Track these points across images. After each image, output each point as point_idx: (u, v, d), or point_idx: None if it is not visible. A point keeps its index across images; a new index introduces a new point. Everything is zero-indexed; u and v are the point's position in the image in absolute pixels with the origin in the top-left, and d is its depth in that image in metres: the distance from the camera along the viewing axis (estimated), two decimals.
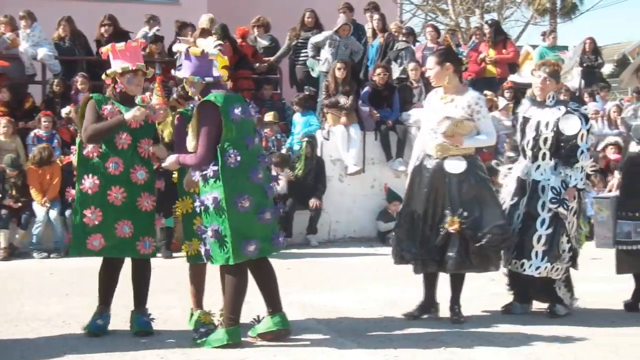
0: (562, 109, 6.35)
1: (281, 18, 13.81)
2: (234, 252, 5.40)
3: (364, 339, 5.75)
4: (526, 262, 6.26)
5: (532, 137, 6.39)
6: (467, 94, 6.27)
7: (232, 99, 5.56)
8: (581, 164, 6.27)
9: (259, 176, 5.55)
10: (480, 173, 6.22)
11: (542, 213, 6.28)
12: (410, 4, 32.59)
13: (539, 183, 6.33)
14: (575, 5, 34.90)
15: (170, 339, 5.75)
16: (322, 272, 8.46)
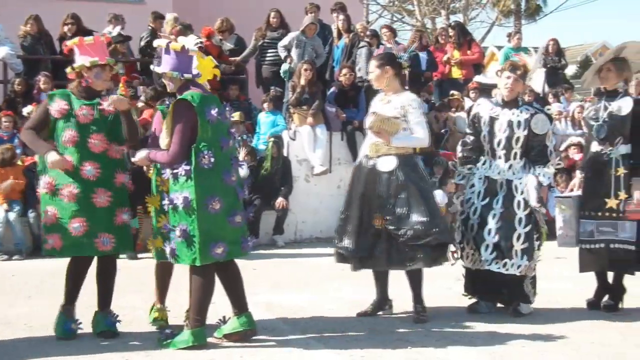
0: (531, 109, 6.45)
1: (247, 18, 13.78)
2: (201, 254, 5.37)
3: (331, 339, 5.76)
4: (508, 261, 6.31)
5: (504, 137, 6.45)
6: (402, 95, 6.36)
7: (208, 100, 5.52)
8: (551, 162, 6.40)
9: (232, 178, 5.53)
10: (411, 171, 6.27)
11: (519, 212, 6.35)
12: (377, 4, 32.72)
13: (512, 182, 6.40)
14: (540, 7, 35.24)
15: (134, 341, 5.71)
16: (289, 273, 8.46)
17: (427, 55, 14.15)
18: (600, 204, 6.59)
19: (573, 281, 7.54)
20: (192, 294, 5.55)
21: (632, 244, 6.53)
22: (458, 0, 30.30)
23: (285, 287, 7.85)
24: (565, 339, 5.78)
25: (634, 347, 5.57)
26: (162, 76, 5.70)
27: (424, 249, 6.16)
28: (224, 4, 15.06)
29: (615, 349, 5.54)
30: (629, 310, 6.65)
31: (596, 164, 6.69)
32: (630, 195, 6.50)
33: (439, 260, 6.33)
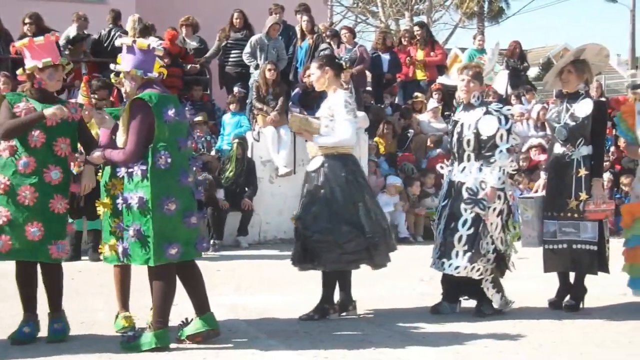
0: (482, 110, 6.46)
1: (210, 19, 13.72)
2: (155, 254, 5.33)
3: (294, 340, 5.74)
4: (446, 261, 6.37)
5: (456, 139, 6.50)
6: (334, 95, 6.42)
7: (166, 100, 5.47)
8: (499, 163, 6.33)
9: (188, 179, 5.48)
10: (334, 173, 6.29)
11: (465, 214, 6.37)
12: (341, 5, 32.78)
13: (464, 184, 6.43)
14: (502, 9, 35.59)
15: (96, 344, 5.64)
16: (253, 274, 8.43)
17: (389, 57, 14.18)
18: (563, 204, 6.65)
19: (535, 281, 7.60)
20: (154, 296, 5.51)
21: (593, 244, 6.60)
22: (422, 2, 30.46)
23: (249, 288, 7.83)
24: (528, 338, 5.82)
25: (594, 347, 5.62)
26: (124, 75, 5.62)
27: (329, 252, 6.21)
28: (188, 5, 14.97)
29: (577, 348, 5.58)
30: (590, 309, 6.72)
31: (558, 165, 6.74)
32: (591, 196, 6.56)
33: (351, 264, 6.36)
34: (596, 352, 5.51)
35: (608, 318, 6.46)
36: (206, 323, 5.58)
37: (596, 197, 6.54)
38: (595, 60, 6.89)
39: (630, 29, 32.65)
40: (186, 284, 5.67)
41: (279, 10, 13.17)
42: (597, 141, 6.67)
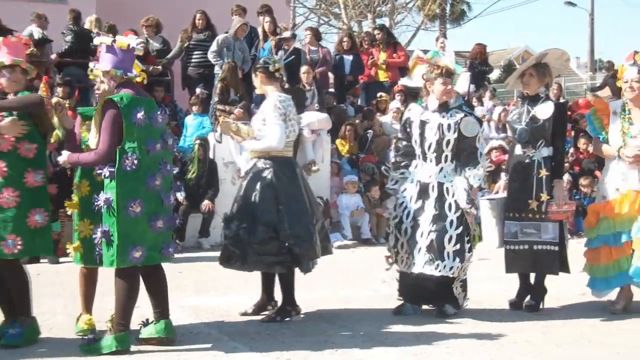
0: (460, 112, 6.51)
1: (172, 20, 13.65)
2: (118, 256, 5.29)
3: (257, 342, 5.72)
4: (440, 263, 6.36)
5: (434, 141, 6.51)
6: (266, 100, 6.47)
7: (138, 102, 5.43)
8: (482, 164, 6.45)
9: (156, 183, 5.43)
10: (258, 176, 6.32)
11: (450, 214, 6.39)
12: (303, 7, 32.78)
13: (443, 185, 6.45)
14: (464, 12, 35.83)
15: (55, 347, 5.56)
16: (215, 276, 8.37)
17: (352, 59, 14.21)
18: (524, 205, 6.70)
19: (496, 282, 7.65)
20: (116, 298, 5.46)
21: (555, 244, 6.66)
22: (384, 4, 30.57)
23: (211, 290, 7.79)
24: (489, 338, 5.85)
25: (554, 346, 5.68)
26: (103, 75, 5.57)
27: (247, 253, 6.26)
28: (148, 5, 14.87)
29: (537, 347, 5.63)
30: (550, 310, 6.78)
31: (519, 167, 6.79)
32: (552, 197, 6.62)
33: (274, 267, 6.37)
34: (556, 351, 5.56)
35: (568, 318, 6.52)
36: (162, 330, 5.55)
37: (558, 198, 6.60)
38: (556, 64, 6.96)
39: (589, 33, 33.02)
40: (149, 287, 5.63)
41: (240, 11, 13.15)
42: (558, 143, 6.73)
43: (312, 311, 6.78)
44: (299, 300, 6.58)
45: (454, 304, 6.59)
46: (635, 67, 6.64)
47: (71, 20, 12.60)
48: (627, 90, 6.71)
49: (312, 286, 7.21)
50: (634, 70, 6.64)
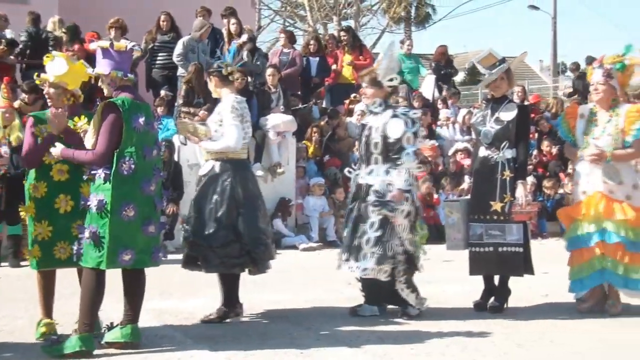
0: (389, 114, 6.51)
1: (135, 21, 13.53)
2: (108, 258, 5.27)
3: (221, 345, 5.70)
4: (354, 263, 6.40)
5: (364, 142, 6.56)
6: (223, 101, 6.49)
7: (138, 107, 5.44)
8: (406, 165, 6.40)
9: (150, 188, 5.45)
10: (216, 178, 6.33)
11: (372, 216, 6.41)
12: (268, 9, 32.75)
13: (371, 187, 6.47)
14: (429, 15, 36.00)
15: (15, 352, 5.49)
16: (179, 279, 8.32)
17: (318, 61, 14.22)
18: (488, 207, 6.73)
19: (461, 283, 7.69)
20: (82, 298, 5.41)
21: (519, 246, 6.70)
22: (350, 7, 30.62)
23: (175, 293, 7.74)
24: (454, 339, 5.88)
25: (517, 347, 5.71)
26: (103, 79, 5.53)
27: (207, 255, 6.27)
28: (112, 6, 14.76)
29: (500, 348, 5.66)
30: (513, 310, 6.83)
31: (483, 169, 6.83)
32: (516, 198, 6.66)
33: (234, 268, 6.38)
34: (519, 352, 5.60)
35: (530, 318, 6.57)
36: (128, 335, 5.50)
37: (521, 199, 6.64)
38: (517, 66, 7.04)
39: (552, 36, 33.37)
40: (127, 290, 5.60)
41: (205, 12, 13.10)
42: (521, 144, 6.78)
43: (277, 313, 6.77)
44: (264, 302, 6.57)
45: (406, 306, 6.57)
46: (601, 70, 6.72)
47: (30, 22, 12.43)
48: (592, 92, 6.81)
49: (277, 288, 7.20)
50: (599, 73, 6.73)
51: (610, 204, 6.59)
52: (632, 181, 6.67)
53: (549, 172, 13.73)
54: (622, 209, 6.55)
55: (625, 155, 6.64)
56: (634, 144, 6.61)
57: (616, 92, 6.73)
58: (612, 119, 6.67)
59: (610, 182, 6.60)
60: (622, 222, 6.53)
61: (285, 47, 13.99)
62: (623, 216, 6.53)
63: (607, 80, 6.69)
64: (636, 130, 6.58)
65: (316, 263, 9.90)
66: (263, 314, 6.76)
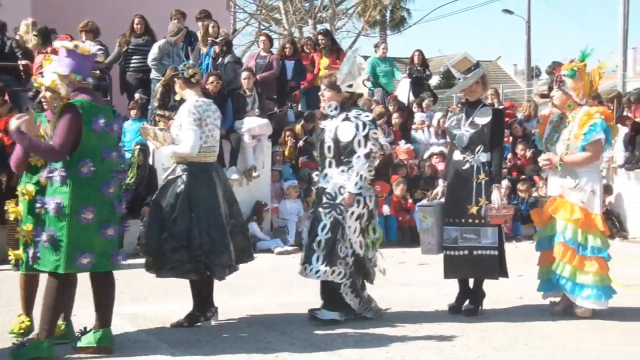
0: (341, 117, 6.50)
1: (109, 23, 13.45)
2: (66, 262, 5.23)
3: (196, 349, 5.68)
4: (307, 266, 6.39)
5: (319, 146, 6.58)
6: (183, 105, 6.47)
7: (97, 109, 5.40)
8: (356, 169, 6.38)
9: (109, 190, 5.41)
10: (172, 183, 6.32)
11: (324, 219, 6.40)
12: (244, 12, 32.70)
13: (325, 190, 6.47)
14: (404, 18, 36.12)
15: None
16: (153, 283, 8.27)
17: (294, 64, 14.22)
18: (463, 210, 6.76)
19: (436, 287, 7.71)
20: (44, 302, 5.36)
21: (494, 249, 6.73)
22: (325, 10, 30.65)
23: (150, 297, 7.70)
24: (428, 343, 5.89)
25: (492, 350, 5.74)
26: (61, 78, 5.48)
27: (158, 260, 6.27)
28: (86, 8, 14.65)
29: (475, 351, 5.69)
30: (488, 313, 6.86)
31: (458, 172, 6.85)
32: (491, 201, 6.69)
33: (188, 274, 6.35)
34: (494, 355, 5.63)
35: (505, 321, 6.60)
36: (101, 339, 5.47)
37: (496, 202, 6.67)
38: (491, 70, 7.08)
39: (525, 40, 33.55)
40: (96, 295, 5.57)
41: (179, 16, 13.06)
42: (495, 148, 6.82)
43: (252, 317, 6.76)
44: (240, 306, 6.56)
45: (346, 309, 6.52)
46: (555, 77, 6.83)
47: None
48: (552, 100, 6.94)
49: (252, 292, 7.19)
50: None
51: (561, 205, 6.68)
52: (591, 186, 6.72)
53: (524, 176, 13.80)
54: (571, 208, 6.62)
55: (576, 160, 6.69)
56: (586, 148, 6.67)
57: (571, 98, 6.79)
58: (569, 125, 6.76)
59: (566, 184, 6.69)
60: (571, 221, 6.61)
61: (264, 50, 13.98)
62: (569, 215, 6.60)
63: (560, 86, 6.79)
64: (585, 135, 6.65)
65: (291, 267, 9.86)
66: (238, 318, 6.73)
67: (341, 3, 31.86)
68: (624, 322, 6.57)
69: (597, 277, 6.63)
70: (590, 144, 6.65)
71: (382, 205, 12.41)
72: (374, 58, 15.62)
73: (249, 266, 6.74)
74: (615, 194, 13.79)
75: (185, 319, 6.41)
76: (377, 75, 15.32)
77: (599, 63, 6.86)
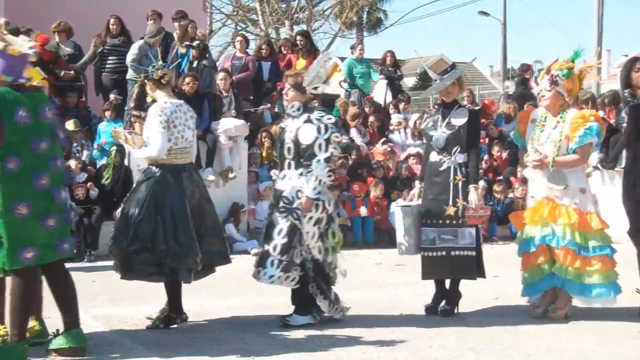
0: (303, 118, 6.43)
1: (84, 23, 13.36)
2: (9, 258, 5.18)
3: (172, 351, 5.65)
4: (262, 270, 6.33)
5: (279, 147, 6.53)
6: (149, 109, 6.46)
7: (18, 100, 5.23)
8: (316, 173, 6.29)
9: (42, 182, 5.28)
10: (144, 183, 6.29)
11: (281, 222, 6.33)
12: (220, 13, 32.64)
13: (282, 193, 6.41)
14: (381, 20, 36.21)
15: None
16: (128, 284, 8.23)
17: (271, 65, 14.20)
18: (440, 211, 6.76)
19: (412, 288, 7.73)
20: (10, 306, 5.30)
21: (472, 249, 6.75)
22: (302, 11, 30.67)
23: (125, 299, 7.66)
24: (405, 344, 5.90)
25: (468, 350, 5.75)
26: None
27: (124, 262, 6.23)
28: (61, 8, 14.56)
29: (451, 352, 5.70)
30: (464, 314, 6.88)
31: (435, 173, 6.86)
32: (468, 202, 6.71)
33: (153, 276, 6.35)
34: (470, 355, 5.64)
35: (481, 322, 6.62)
36: (71, 340, 5.41)
37: (474, 203, 6.69)
38: (467, 71, 7.11)
39: (502, 42, 33.72)
40: (55, 294, 5.49)
41: (155, 16, 13.01)
42: (472, 149, 6.84)
43: (228, 318, 6.74)
44: (216, 307, 6.53)
45: (318, 311, 6.50)
46: (548, 77, 6.79)
47: None
48: (540, 99, 6.89)
49: (228, 294, 7.17)
50: (546, 79, 6.80)
51: (555, 209, 6.67)
52: (579, 185, 6.75)
53: (500, 177, 13.87)
54: (567, 212, 6.63)
55: (567, 162, 6.69)
56: (577, 151, 6.69)
57: (564, 98, 6.79)
58: (558, 125, 6.74)
59: (556, 187, 6.68)
60: (569, 225, 6.60)
61: (241, 51, 13.95)
62: (567, 220, 6.61)
63: (553, 86, 6.75)
64: (579, 137, 6.65)
65: None
66: (214, 320, 6.71)
67: (318, 4, 31.93)
68: (598, 323, 6.60)
69: (602, 274, 6.62)
70: (582, 147, 6.67)
71: (359, 207, 12.44)
72: (350, 59, 15.64)
73: (225, 268, 6.71)
74: None
75: (161, 321, 6.37)
76: (354, 77, 15.33)
77: (585, 63, 6.85)
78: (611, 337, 6.17)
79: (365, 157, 13.49)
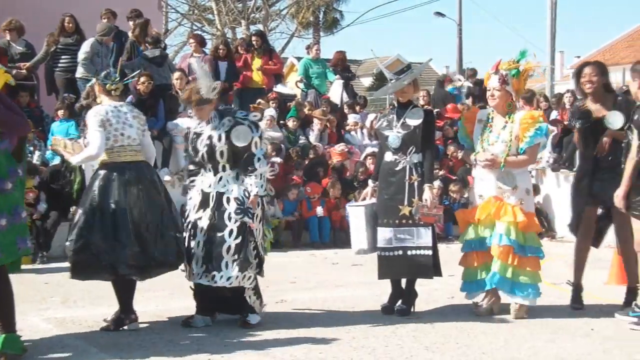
0: (231, 121, 6.40)
1: (36, 22, 13.17)
2: None
3: (127, 353, 5.59)
4: (217, 273, 6.27)
5: (205, 152, 6.42)
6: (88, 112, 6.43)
7: None
8: (259, 171, 6.34)
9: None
10: (91, 184, 6.26)
11: (230, 224, 6.29)
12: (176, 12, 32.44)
13: (223, 195, 6.37)
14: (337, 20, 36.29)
15: None
16: (83, 286, 8.14)
17: (227, 65, 14.14)
18: (396, 211, 6.78)
19: (368, 287, 7.74)
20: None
21: (428, 249, 6.78)
22: (258, 11, 30.59)
23: (79, 300, 7.56)
24: (361, 343, 5.90)
25: (424, 349, 5.77)
26: None
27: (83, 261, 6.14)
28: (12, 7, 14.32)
29: (408, 351, 5.71)
30: (420, 313, 6.91)
31: (390, 173, 6.88)
32: (423, 200, 6.73)
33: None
34: (426, 354, 5.66)
35: (437, 321, 6.65)
36: (5, 345, 5.27)
37: (428, 201, 6.72)
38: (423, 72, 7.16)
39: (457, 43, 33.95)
40: None
41: (110, 15, 12.88)
42: (427, 148, 6.87)
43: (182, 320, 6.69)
44: (172, 309, 6.47)
45: (254, 312, 6.50)
46: (497, 76, 6.85)
47: None
48: (489, 98, 6.94)
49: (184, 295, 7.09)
50: (495, 78, 6.85)
51: (501, 207, 6.73)
52: (525, 186, 6.84)
53: (455, 177, 13.97)
54: (513, 211, 6.70)
55: (518, 162, 6.78)
56: (527, 151, 6.77)
57: (512, 98, 6.87)
58: (507, 125, 6.81)
59: (505, 187, 6.76)
60: (513, 224, 6.68)
61: (196, 52, 13.88)
62: (512, 218, 6.67)
63: (503, 86, 6.83)
64: (529, 138, 6.74)
65: None
66: (171, 321, 6.65)
67: (274, 4, 31.86)
68: (552, 320, 6.68)
69: (532, 276, 6.75)
70: (531, 147, 6.76)
71: (316, 207, 12.43)
72: (306, 59, 15.65)
73: (181, 267, 6.65)
74: (543, 195, 14.06)
75: (112, 323, 6.30)
76: (310, 77, 15.35)
77: (525, 64, 6.92)
78: (565, 334, 6.24)
79: (321, 157, 13.50)
